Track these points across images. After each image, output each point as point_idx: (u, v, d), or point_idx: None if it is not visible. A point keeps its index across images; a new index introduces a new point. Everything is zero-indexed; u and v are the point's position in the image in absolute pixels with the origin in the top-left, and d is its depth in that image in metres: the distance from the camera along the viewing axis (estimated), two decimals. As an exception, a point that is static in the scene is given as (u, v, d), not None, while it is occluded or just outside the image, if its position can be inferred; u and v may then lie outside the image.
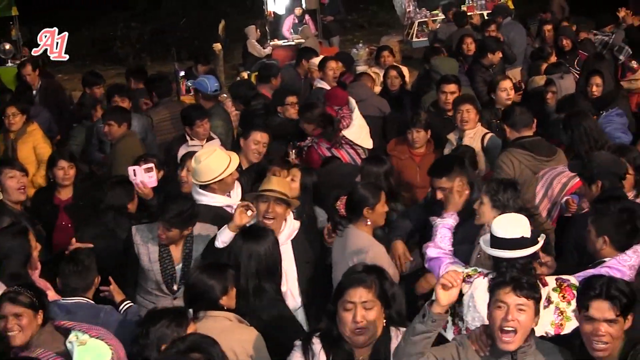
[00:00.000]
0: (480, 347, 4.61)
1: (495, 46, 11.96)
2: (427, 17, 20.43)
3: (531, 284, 4.52)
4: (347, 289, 4.65)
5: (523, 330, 4.45)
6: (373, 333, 4.64)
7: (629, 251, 5.33)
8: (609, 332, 4.36)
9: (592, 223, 5.55)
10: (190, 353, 4.24)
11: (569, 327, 5.00)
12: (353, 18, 26.18)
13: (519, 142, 7.66)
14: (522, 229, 5.13)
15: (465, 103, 8.64)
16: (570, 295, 5.03)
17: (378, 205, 6.48)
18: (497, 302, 4.48)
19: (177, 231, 6.41)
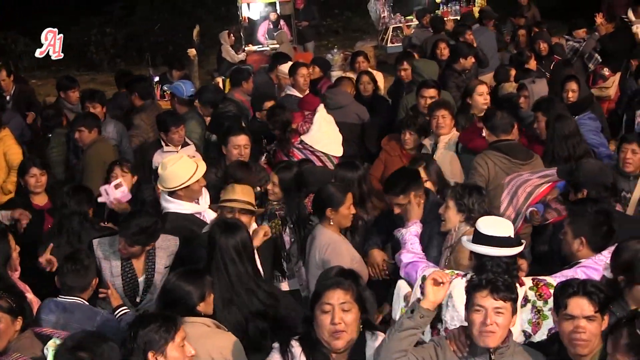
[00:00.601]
0: (459, 347, 4.64)
1: (467, 51, 11.99)
2: (401, 22, 20.51)
3: (507, 285, 4.54)
4: (324, 291, 4.64)
5: (502, 331, 4.50)
6: (351, 337, 4.63)
7: (604, 252, 5.40)
8: (588, 328, 4.41)
9: (568, 225, 5.61)
10: (76, 351, 4.34)
11: (546, 326, 5.05)
12: (328, 23, 26.24)
13: (495, 145, 7.69)
14: (508, 228, 5.20)
15: (441, 108, 8.64)
16: (547, 294, 5.08)
17: (342, 208, 6.51)
18: (475, 305, 4.52)
19: (139, 247, 6.37)
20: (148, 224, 6.34)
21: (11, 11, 20.56)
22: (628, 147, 7.44)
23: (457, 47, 12.34)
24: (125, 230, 6.31)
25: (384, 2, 21.08)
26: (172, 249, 6.57)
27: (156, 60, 20.99)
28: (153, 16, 25.44)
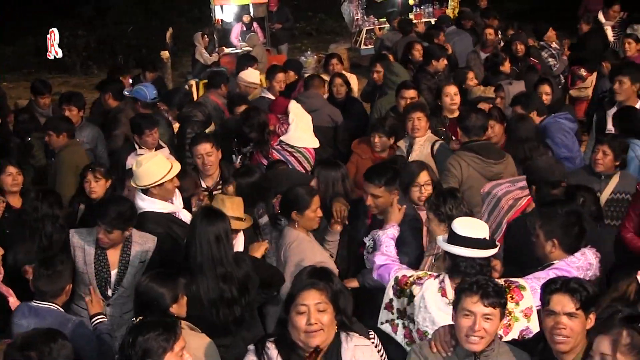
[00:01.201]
0: (444, 347, 4.65)
1: (439, 53, 12.03)
2: (374, 25, 20.55)
3: (497, 290, 4.55)
4: (299, 292, 4.61)
5: (489, 337, 4.51)
6: (327, 336, 4.60)
7: (577, 254, 5.44)
8: (570, 325, 4.43)
9: (540, 227, 5.61)
10: (24, 350, 4.39)
11: (517, 328, 5.07)
12: (301, 26, 26.25)
13: (467, 145, 7.74)
14: (483, 230, 5.22)
15: (417, 111, 8.67)
16: (519, 296, 5.10)
17: (308, 211, 6.53)
18: (464, 310, 4.51)
19: (118, 232, 6.38)
20: (124, 209, 6.43)
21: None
22: (599, 148, 7.52)
23: (430, 50, 12.36)
24: (103, 217, 6.34)
25: (358, 5, 21.12)
26: (149, 245, 6.60)
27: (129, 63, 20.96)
28: (125, 19, 25.35)
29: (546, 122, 8.83)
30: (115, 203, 6.51)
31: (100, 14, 25.59)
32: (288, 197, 6.63)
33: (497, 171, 7.62)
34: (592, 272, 5.36)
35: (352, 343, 4.69)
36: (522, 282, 5.23)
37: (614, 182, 7.48)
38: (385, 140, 8.72)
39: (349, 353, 4.66)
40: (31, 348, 4.42)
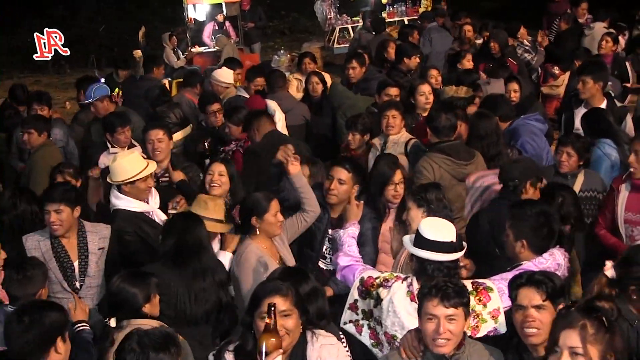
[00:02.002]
0: (413, 353, 4.63)
1: (411, 51, 12.05)
2: (347, 23, 20.60)
3: (457, 290, 4.53)
4: (263, 298, 4.53)
5: (456, 338, 4.50)
6: (291, 340, 4.57)
7: (545, 254, 5.44)
8: (539, 317, 4.47)
9: (510, 228, 5.62)
10: (20, 316, 4.62)
11: (485, 329, 5.06)
12: (274, 25, 26.28)
13: (438, 146, 7.69)
14: (450, 233, 5.18)
15: (391, 109, 8.64)
16: (487, 298, 5.10)
17: (267, 215, 6.34)
18: (427, 315, 4.49)
19: (67, 210, 6.38)
20: (68, 187, 6.59)
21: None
22: (563, 150, 7.54)
23: (402, 48, 12.36)
24: (49, 197, 6.41)
25: (331, 4, 21.17)
26: (105, 232, 6.62)
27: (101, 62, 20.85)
28: (97, 18, 25.23)
29: (515, 124, 8.81)
30: (59, 185, 6.71)
31: (72, 14, 25.45)
32: (246, 204, 6.48)
33: (468, 172, 7.59)
34: (561, 273, 5.34)
35: (318, 343, 4.68)
36: (489, 283, 5.21)
37: (580, 180, 7.52)
38: (360, 138, 8.73)
39: (314, 352, 4.64)
40: (25, 313, 4.61)
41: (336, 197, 6.75)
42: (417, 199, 6.12)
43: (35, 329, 4.58)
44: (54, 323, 4.66)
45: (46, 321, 4.62)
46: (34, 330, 4.58)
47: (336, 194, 6.74)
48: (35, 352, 4.59)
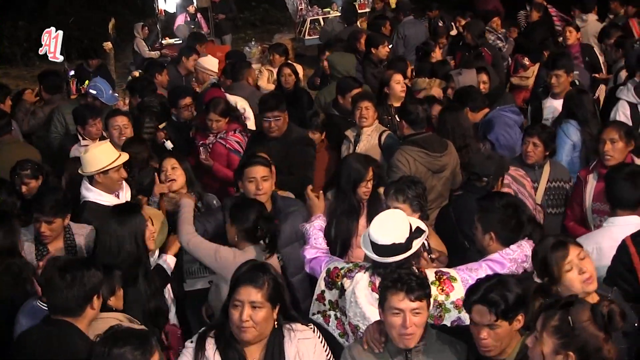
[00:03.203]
0: (375, 344, 4.67)
1: (380, 41, 12.07)
2: (318, 15, 20.58)
3: (420, 283, 4.56)
4: (238, 286, 4.57)
5: (420, 329, 4.54)
6: (260, 333, 4.57)
7: (513, 245, 5.45)
8: (491, 334, 4.41)
9: (478, 221, 5.64)
10: (61, 272, 4.74)
11: (449, 319, 5.11)
12: (245, 16, 26.20)
13: (411, 139, 7.73)
14: (396, 233, 5.12)
15: (364, 100, 8.66)
16: (450, 288, 5.13)
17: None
18: (392, 309, 4.51)
19: (59, 220, 6.34)
20: (59, 196, 6.45)
21: None
22: (529, 140, 7.62)
23: (370, 38, 12.38)
24: (40, 208, 6.30)
25: (302, -5, 21.14)
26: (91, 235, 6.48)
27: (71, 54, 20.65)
28: (67, 9, 25.00)
29: (491, 115, 8.86)
30: (49, 193, 6.51)
31: (41, 5, 25.20)
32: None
33: (442, 163, 7.66)
34: (529, 264, 5.34)
35: (295, 338, 4.69)
36: (453, 273, 5.25)
37: (547, 171, 7.62)
38: (319, 136, 8.77)
39: (292, 348, 4.66)
40: (67, 271, 4.75)
41: (265, 194, 6.72)
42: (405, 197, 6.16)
43: (76, 287, 4.73)
44: (93, 281, 4.81)
45: (86, 280, 4.76)
46: (76, 288, 4.73)
47: (265, 192, 6.70)
48: (75, 308, 4.76)
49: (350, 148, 8.58)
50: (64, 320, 4.75)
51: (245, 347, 4.61)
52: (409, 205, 6.12)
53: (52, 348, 4.68)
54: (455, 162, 7.81)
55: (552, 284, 4.78)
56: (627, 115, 8.57)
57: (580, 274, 4.73)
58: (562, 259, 4.75)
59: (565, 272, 4.73)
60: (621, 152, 6.93)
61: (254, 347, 4.63)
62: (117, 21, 19.85)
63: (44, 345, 4.71)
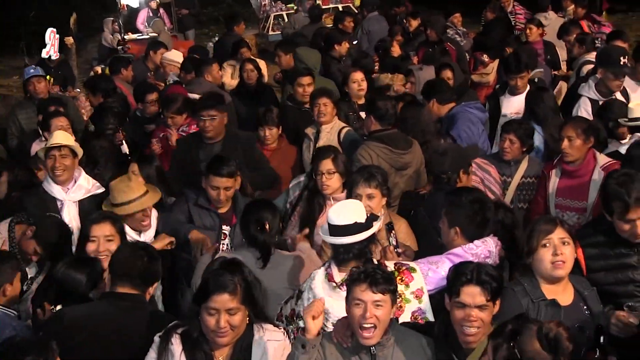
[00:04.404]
0: (343, 339, 4.67)
1: (340, 38, 12.06)
2: (282, 10, 20.55)
3: (386, 277, 4.58)
4: (211, 294, 4.53)
5: (382, 325, 4.54)
6: (236, 334, 4.60)
7: (477, 241, 5.47)
8: (480, 317, 4.48)
9: (445, 215, 5.67)
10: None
11: (409, 309, 5.13)
12: (208, 11, 26.08)
13: (376, 135, 7.75)
14: (356, 214, 5.17)
15: (322, 96, 8.67)
16: (409, 278, 5.16)
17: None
18: (355, 299, 4.54)
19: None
20: (57, 233, 6.30)
21: None
22: (506, 137, 7.69)
23: (330, 35, 12.38)
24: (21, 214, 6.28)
25: (265, -9, 21.09)
26: None
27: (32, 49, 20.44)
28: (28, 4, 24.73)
29: (455, 110, 8.86)
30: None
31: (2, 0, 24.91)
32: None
33: (406, 161, 7.66)
34: (492, 260, 5.39)
35: (264, 338, 4.69)
36: (412, 264, 5.29)
37: (523, 167, 7.68)
38: (276, 131, 8.75)
39: (259, 348, 4.66)
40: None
41: (227, 202, 6.86)
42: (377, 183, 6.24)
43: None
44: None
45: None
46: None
47: (229, 197, 6.83)
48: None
49: (311, 146, 8.58)
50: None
51: (216, 348, 4.61)
52: (379, 190, 6.23)
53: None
54: (419, 161, 7.78)
55: (527, 256, 4.96)
56: (589, 112, 8.63)
57: (554, 255, 4.87)
58: (545, 233, 4.92)
59: (541, 246, 4.90)
60: (579, 149, 7.00)
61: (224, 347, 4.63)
62: (79, 16, 19.68)
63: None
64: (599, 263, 5.24)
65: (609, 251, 5.23)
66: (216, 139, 8.09)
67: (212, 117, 8.05)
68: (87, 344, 4.78)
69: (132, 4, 19.59)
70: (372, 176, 6.26)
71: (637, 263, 5.15)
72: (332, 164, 6.95)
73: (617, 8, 18.62)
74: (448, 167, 6.76)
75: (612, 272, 5.18)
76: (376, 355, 4.59)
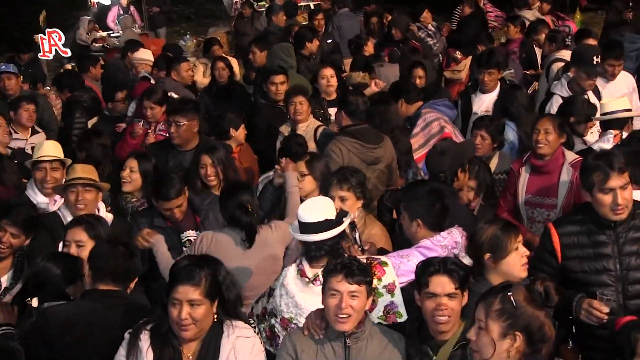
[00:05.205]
0: (315, 330, 4.72)
1: (310, 35, 12.06)
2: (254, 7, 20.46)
3: (362, 269, 4.65)
4: (176, 284, 4.55)
5: (357, 315, 4.60)
6: (200, 329, 4.58)
7: (443, 232, 5.54)
8: (451, 306, 4.56)
9: (404, 209, 5.73)
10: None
11: (382, 303, 5.16)
12: (179, 9, 25.99)
13: (347, 130, 7.77)
14: (326, 211, 5.21)
15: (298, 95, 8.68)
16: (381, 272, 5.19)
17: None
18: (331, 290, 4.59)
19: (23, 238, 6.14)
20: (34, 214, 6.31)
21: None
22: (477, 133, 7.77)
23: (300, 33, 12.36)
24: (10, 217, 6.11)
25: (236, -12, 21.01)
26: None
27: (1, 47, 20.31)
28: (-4, 1, 24.53)
29: (423, 109, 8.94)
30: (23, 207, 6.36)
31: (-31, -3, 24.69)
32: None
33: (377, 155, 7.69)
34: (459, 250, 5.47)
35: (233, 335, 4.67)
36: (384, 258, 5.33)
37: (494, 163, 7.73)
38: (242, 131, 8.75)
39: (228, 344, 4.64)
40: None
41: (183, 212, 6.84)
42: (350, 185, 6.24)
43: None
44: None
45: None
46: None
47: (183, 211, 6.80)
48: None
49: (285, 144, 8.56)
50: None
51: (183, 342, 4.59)
52: (353, 193, 6.24)
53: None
54: (391, 156, 7.83)
55: (495, 261, 4.97)
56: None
57: (522, 257, 4.99)
58: (515, 237, 4.99)
59: (514, 249, 4.97)
60: (553, 142, 7.03)
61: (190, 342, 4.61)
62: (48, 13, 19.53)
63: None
64: (574, 251, 5.26)
65: (586, 240, 5.25)
66: (186, 147, 7.97)
67: (178, 123, 7.94)
68: (78, 343, 4.82)
69: (103, 1, 19.48)
70: (344, 179, 6.25)
71: (612, 252, 5.18)
72: (305, 166, 7.01)
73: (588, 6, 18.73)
74: (448, 167, 6.81)
75: (587, 261, 5.20)
76: (350, 347, 4.64)
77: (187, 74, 11.09)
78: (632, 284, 5.11)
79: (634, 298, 5.08)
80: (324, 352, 4.69)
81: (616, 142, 7.27)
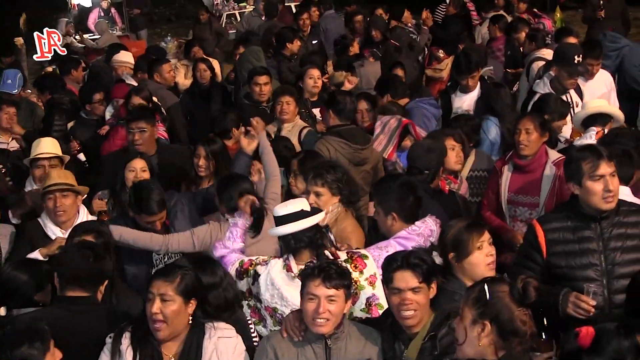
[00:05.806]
0: (294, 332, 4.72)
1: (292, 36, 12.06)
2: (235, 9, 20.48)
3: (340, 272, 4.65)
4: (152, 279, 4.61)
5: (335, 318, 4.61)
6: (173, 329, 4.56)
7: (418, 222, 5.61)
8: (415, 299, 4.58)
9: (378, 205, 5.79)
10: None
11: (364, 295, 5.22)
12: (160, 11, 25.92)
13: (335, 130, 7.80)
14: (300, 203, 5.31)
15: (285, 95, 8.68)
16: (362, 265, 5.26)
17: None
18: (308, 294, 4.60)
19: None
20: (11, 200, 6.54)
21: None
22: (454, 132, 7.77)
23: (282, 33, 12.31)
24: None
25: (217, -10, 21.03)
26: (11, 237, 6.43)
27: (-18, 49, 20.17)
28: (-24, 4, 24.39)
29: (409, 106, 8.97)
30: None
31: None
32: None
33: (363, 156, 7.71)
34: (434, 239, 5.52)
35: (215, 335, 4.68)
36: (364, 251, 5.40)
37: (470, 160, 7.76)
38: None
39: (211, 345, 4.65)
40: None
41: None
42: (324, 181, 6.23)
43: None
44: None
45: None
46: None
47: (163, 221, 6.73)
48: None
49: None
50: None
51: (162, 343, 4.59)
52: (328, 189, 6.24)
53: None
54: (377, 157, 7.87)
55: (459, 260, 4.97)
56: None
57: (487, 256, 4.96)
58: (478, 236, 4.97)
59: (476, 248, 4.95)
60: (535, 142, 7.05)
61: (170, 343, 4.61)
62: (28, 15, 19.46)
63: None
64: (560, 247, 5.26)
65: (571, 236, 5.25)
66: (147, 154, 7.73)
67: (142, 129, 7.83)
68: None
69: (84, 4, 19.43)
70: (319, 174, 6.24)
71: (597, 248, 5.19)
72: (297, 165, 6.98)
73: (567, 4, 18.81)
74: (435, 165, 6.82)
75: (572, 256, 5.20)
76: (331, 348, 4.66)
77: (169, 76, 11.01)
78: (617, 279, 5.13)
79: (618, 292, 5.10)
80: (305, 355, 4.69)
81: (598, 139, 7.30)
